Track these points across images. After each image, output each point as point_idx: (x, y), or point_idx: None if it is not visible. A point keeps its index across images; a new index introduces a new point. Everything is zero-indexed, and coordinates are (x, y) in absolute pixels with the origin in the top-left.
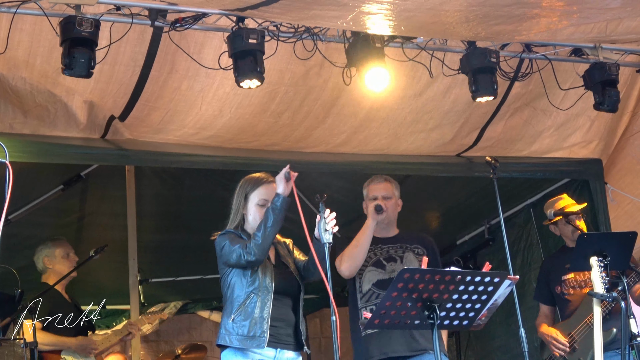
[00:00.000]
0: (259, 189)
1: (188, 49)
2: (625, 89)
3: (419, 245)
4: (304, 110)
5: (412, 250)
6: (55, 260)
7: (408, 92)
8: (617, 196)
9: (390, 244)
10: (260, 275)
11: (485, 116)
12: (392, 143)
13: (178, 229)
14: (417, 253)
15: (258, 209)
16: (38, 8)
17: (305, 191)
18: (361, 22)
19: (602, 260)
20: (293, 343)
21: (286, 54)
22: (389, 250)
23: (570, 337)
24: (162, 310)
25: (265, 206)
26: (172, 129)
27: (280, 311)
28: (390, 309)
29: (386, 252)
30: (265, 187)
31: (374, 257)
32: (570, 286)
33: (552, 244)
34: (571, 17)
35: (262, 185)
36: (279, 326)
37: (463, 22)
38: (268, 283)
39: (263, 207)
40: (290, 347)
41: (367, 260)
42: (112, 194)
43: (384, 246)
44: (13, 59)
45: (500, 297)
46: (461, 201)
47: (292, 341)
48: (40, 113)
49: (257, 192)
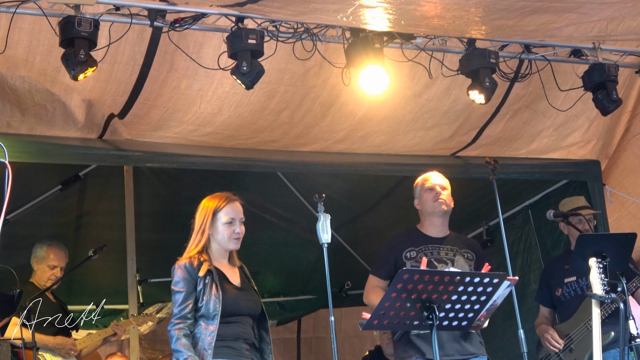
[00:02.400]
0: (226, 208)
1: (187, 48)
2: (624, 90)
3: (469, 249)
4: (303, 109)
5: (462, 255)
6: (40, 266)
7: (407, 92)
8: (619, 197)
9: (441, 245)
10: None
11: (484, 117)
12: (390, 140)
13: (176, 228)
14: (467, 257)
15: (226, 227)
16: (37, 8)
17: (303, 191)
18: (361, 16)
19: (601, 261)
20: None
21: (285, 53)
22: (440, 251)
23: (568, 338)
24: (161, 310)
25: (232, 224)
26: (171, 126)
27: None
28: (390, 309)
29: (437, 253)
30: (232, 205)
31: (425, 258)
32: (572, 289)
33: (550, 245)
34: (571, 12)
35: (229, 203)
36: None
37: (463, 16)
38: (214, 309)
39: (231, 225)
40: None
41: (419, 260)
42: (110, 193)
43: (435, 246)
44: (12, 58)
45: (500, 298)
46: (459, 202)
47: (251, 356)
48: (38, 112)
49: (225, 210)
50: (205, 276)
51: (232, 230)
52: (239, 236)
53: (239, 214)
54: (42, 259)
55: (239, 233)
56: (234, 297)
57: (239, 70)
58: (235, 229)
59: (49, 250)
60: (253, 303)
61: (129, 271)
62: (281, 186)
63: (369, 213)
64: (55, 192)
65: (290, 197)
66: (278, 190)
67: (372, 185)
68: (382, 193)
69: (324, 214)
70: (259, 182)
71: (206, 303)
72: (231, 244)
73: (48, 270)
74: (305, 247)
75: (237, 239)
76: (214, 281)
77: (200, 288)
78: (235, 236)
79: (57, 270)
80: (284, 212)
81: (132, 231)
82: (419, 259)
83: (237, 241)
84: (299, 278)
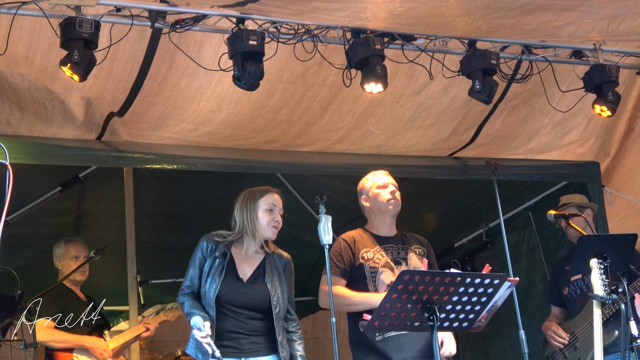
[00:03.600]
0: (266, 196)
1: (187, 47)
2: (624, 89)
3: (418, 245)
4: (302, 107)
5: (413, 251)
6: (64, 261)
7: (406, 90)
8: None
9: (393, 244)
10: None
11: (482, 113)
12: (389, 140)
13: (176, 229)
14: (418, 254)
15: (267, 213)
16: (38, 9)
17: (303, 192)
18: (362, 15)
19: (602, 262)
20: (262, 349)
21: (285, 52)
22: (393, 251)
23: (572, 335)
24: (161, 310)
25: (273, 211)
26: (171, 124)
27: (243, 324)
28: (390, 310)
29: (391, 253)
30: (271, 195)
31: (382, 258)
32: (578, 287)
33: (553, 246)
34: (572, 10)
35: (269, 192)
36: (240, 337)
37: (464, 15)
38: (210, 298)
39: (271, 212)
40: (259, 353)
41: (377, 261)
42: (110, 195)
43: (388, 246)
44: (12, 55)
45: (500, 299)
46: (459, 203)
47: (257, 348)
48: (37, 110)
49: (265, 198)
50: (216, 259)
51: (271, 217)
52: (277, 224)
53: (279, 204)
54: (63, 255)
55: (278, 222)
56: (232, 288)
57: (235, 76)
58: (275, 217)
59: (67, 245)
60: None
61: (129, 272)
62: (280, 187)
63: None
64: (55, 193)
65: (290, 198)
66: None
67: None
68: None
69: (325, 216)
70: (259, 183)
71: (207, 288)
72: (268, 232)
73: (72, 262)
74: (304, 248)
75: (275, 227)
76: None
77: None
78: (274, 224)
79: (81, 259)
80: (284, 213)
81: (132, 232)
82: (376, 259)
83: (275, 229)
84: (298, 279)
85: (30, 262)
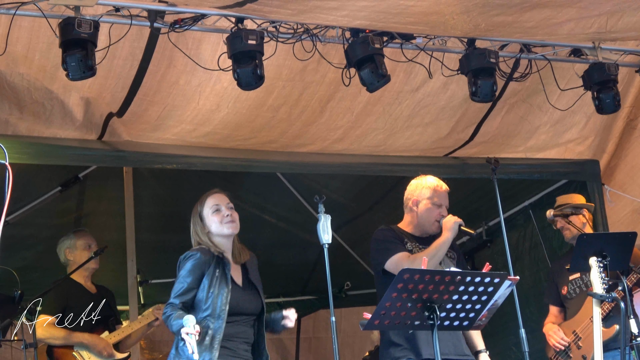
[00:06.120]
0: (206, 201)
1: (186, 45)
2: (623, 86)
3: (450, 249)
4: (301, 105)
5: (446, 254)
6: (77, 251)
7: (405, 87)
8: (629, 193)
9: (426, 245)
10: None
11: (481, 111)
12: (388, 138)
13: (176, 229)
14: (450, 257)
15: (215, 215)
16: (37, 10)
17: (303, 192)
18: (360, 14)
19: (602, 260)
20: (253, 354)
21: (284, 50)
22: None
23: (574, 335)
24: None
25: (219, 210)
26: (170, 125)
27: (239, 329)
28: (390, 309)
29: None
30: (211, 197)
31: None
32: (577, 286)
33: (556, 244)
34: (571, 7)
35: (208, 197)
36: (237, 342)
37: (463, 12)
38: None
39: (219, 212)
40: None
41: (415, 252)
42: (110, 195)
43: (421, 246)
44: (12, 54)
45: (501, 298)
46: (458, 202)
47: (249, 356)
48: (36, 109)
49: (206, 203)
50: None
51: (220, 215)
52: (230, 219)
53: (223, 201)
54: (74, 245)
55: (230, 215)
56: (236, 298)
57: (234, 76)
58: (224, 214)
59: (77, 235)
60: (255, 302)
61: (129, 272)
62: (280, 187)
63: (367, 213)
64: (54, 193)
65: (290, 197)
66: (277, 191)
67: (370, 186)
68: (381, 193)
69: (325, 215)
70: (258, 182)
71: (213, 299)
72: (225, 229)
73: (86, 251)
74: (304, 248)
75: (230, 222)
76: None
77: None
78: (227, 219)
79: (94, 247)
80: (283, 212)
81: (132, 232)
82: (415, 252)
83: (231, 224)
84: (299, 279)
85: (30, 262)
